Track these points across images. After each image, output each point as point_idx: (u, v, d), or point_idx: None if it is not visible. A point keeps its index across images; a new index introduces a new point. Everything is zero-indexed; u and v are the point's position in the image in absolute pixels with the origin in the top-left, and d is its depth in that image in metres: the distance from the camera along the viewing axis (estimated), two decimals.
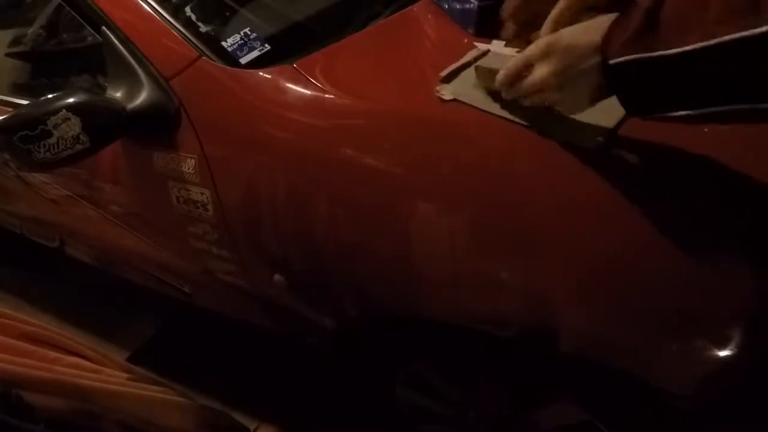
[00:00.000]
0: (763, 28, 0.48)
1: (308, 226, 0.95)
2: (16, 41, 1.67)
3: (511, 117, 0.77)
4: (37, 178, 1.44)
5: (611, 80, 0.60)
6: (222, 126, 0.99)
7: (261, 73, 0.97)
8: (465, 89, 0.82)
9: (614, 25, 0.60)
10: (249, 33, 1.05)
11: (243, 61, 1.01)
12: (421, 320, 0.93)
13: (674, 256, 0.69)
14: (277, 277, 1.05)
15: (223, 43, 1.03)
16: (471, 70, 0.84)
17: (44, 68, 1.58)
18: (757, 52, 0.50)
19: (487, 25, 1.00)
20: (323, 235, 0.94)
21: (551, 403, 1.02)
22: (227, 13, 1.12)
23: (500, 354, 0.94)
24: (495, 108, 0.78)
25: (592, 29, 0.62)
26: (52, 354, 1.00)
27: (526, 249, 0.77)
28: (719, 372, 0.71)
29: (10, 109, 1.35)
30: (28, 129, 0.94)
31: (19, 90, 1.55)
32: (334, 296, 1.03)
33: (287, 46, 1.04)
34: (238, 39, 1.04)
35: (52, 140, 0.95)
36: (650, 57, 0.55)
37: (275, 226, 1.00)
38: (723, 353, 0.69)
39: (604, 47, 0.59)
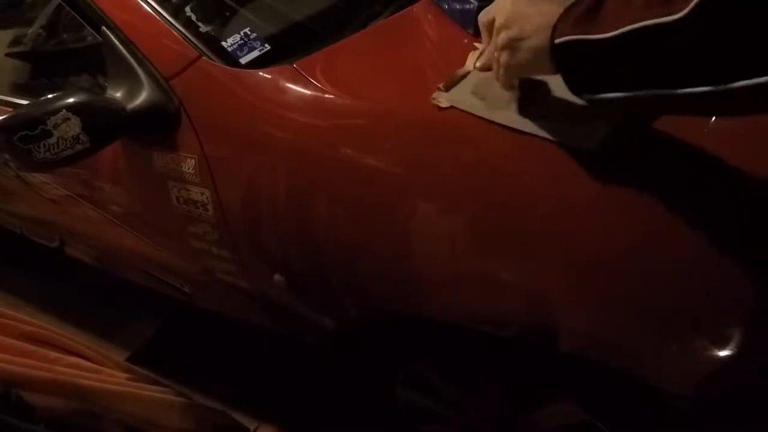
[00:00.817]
0: (661, 19, 0.51)
1: (308, 226, 0.95)
2: (16, 41, 1.67)
3: (507, 123, 0.77)
4: (37, 178, 1.44)
5: (554, 58, 0.64)
6: (222, 126, 0.99)
7: (261, 73, 0.97)
8: (461, 96, 0.81)
9: (567, 8, 0.63)
10: (249, 33, 1.05)
11: (243, 61, 1.01)
12: (421, 320, 0.93)
13: (674, 256, 0.69)
14: (277, 277, 1.05)
15: (223, 43, 1.03)
16: (469, 77, 0.84)
17: (44, 68, 1.58)
18: (665, 39, 0.52)
19: None
20: (323, 235, 0.94)
21: (551, 403, 1.02)
22: (227, 13, 1.12)
23: (500, 354, 0.94)
24: (491, 114, 0.78)
25: (550, 13, 0.65)
26: (52, 354, 1.00)
27: (526, 249, 0.77)
28: (719, 372, 0.71)
29: (10, 109, 1.35)
30: (28, 129, 0.94)
31: (19, 90, 1.55)
32: (334, 296, 1.03)
33: (287, 46, 1.04)
34: (238, 39, 1.04)
35: (52, 140, 0.95)
36: (586, 39, 0.58)
37: (275, 226, 1.00)
38: (723, 353, 0.69)
39: (555, 26, 0.63)
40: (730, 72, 0.49)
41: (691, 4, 0.49)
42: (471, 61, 0.87)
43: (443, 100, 0.82)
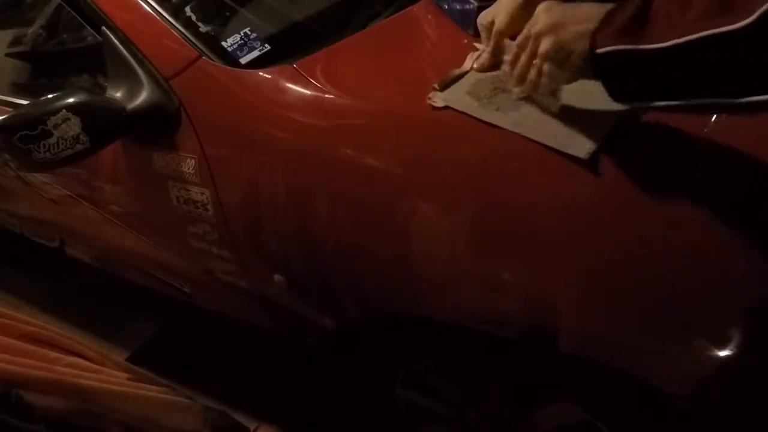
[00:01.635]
0: (725, 28, 0.51)
1: (308, 226, 0.95)
2: (16, 41, 1.67)
3: (501, 124, 0.76)
4: (37, 178, 1.44)
5: (595, 67, 0.63)
6: (222, 126, 0.99)
7: (261, 73, 0.97)
8: (457, 96, 0.81)
9: (607, 15, 0.62)
10: (249, 33, 1.05)
11: (243, 61, 1.01)
12: (422, 320, 0.93)
13: (674, 256, 0.69)
14: (277, 277, 1.05)
15: (223, 43, 1.03)
16: (466, 78, 0.84)
17: (44, 68, 1.58)
18: (730, 48, 0.52)
19: None
20: (323, 235, 0.94)
21: (551, 403, 1.02)
22: (227, 13, 1.12)
23: (500, 354, 0.94)
24: (486, 115, 0.78)
25: (587, 8, 0.65)
26: (52, 354, 0.99)
27: (526, 249, 0.77)
28: (719, 372, 0.71)
29: (10, 109, 1.35)
30: (28, 129, 0.94)
31: (19, 90, 1.55)
32: (334, 296, 1.03)
33: (287, 46, 1.04)
34: (238, 39, 1.04)
35: (52, 140, 0.95)
36: (636, 49, 0.58)
37: (275, 226, 1.00)
38: (723, 353, 0.69)
39: (594, 35, 0.62)
40: None
41: (759, 11, 0.49)
42: (469, 62, 0.87)
43: (438, 99, 0.82)
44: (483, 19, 0.83)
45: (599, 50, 0.61)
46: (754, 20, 0.49)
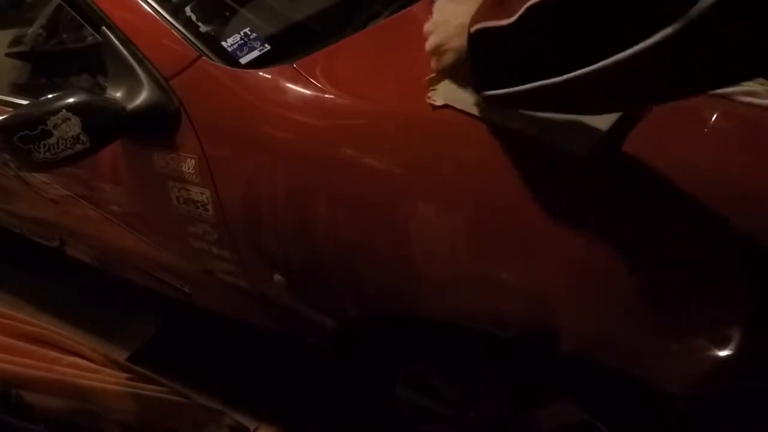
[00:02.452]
0: None
1: (308, 226, 0.95)
2: (16, 41, 1.67)
3: (501, 121, 0.76)
4: (37, 178, 1.44)
5: (469, 50, 0.63)
6: (222, 126, 0.99)
7: (261, 73, 0.97)
8: (456, 94, 0.80)
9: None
10: (249, 33, 1.05)
11: (243, 61, 1.01)
12: (421, 320, 0.93)
13: (674, 256, 0.69)
14: (277, 277, 1.05)
15: (223, 43, 1.03)
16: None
17: (44, 68, 1.58)
18: (548, 18, 0.51)
19: None
20: (323, 235, 0.94)
21: (551, 403, 1.02)
22: (227, 13, 1.12)
23: (500, 354, 0.94)
24: (486, 112, 0.78)
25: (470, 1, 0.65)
26: (52, 354, 1.00)
27: (526, 249, 0.77)
28: (719, 372, 0.71)
29: (10, 109, 1.35)
30: (28, 129, 0.94)
31: (19, 90, 1.55)
32: (334, 296, 1.03)
33: (287, 46, 1.04)
34: (238, 39, 1.04)
35: (52, 140, 0.95)
36: (493, 26, 0.57)
37: (275, 226, 1.00)
38: (723, 353, 0.69)
39: (472, 18, 0.62)
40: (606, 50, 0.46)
41: None
42: None
43: (438, 97, 0.81)
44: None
45: (471, 29, 0.61)
46: None
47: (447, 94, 0.81)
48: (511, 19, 0.54)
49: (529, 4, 0.52)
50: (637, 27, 0.44)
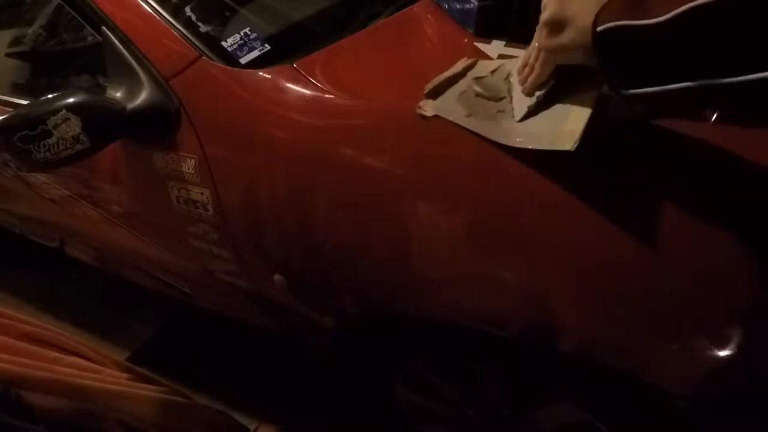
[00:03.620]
0: None
1: (308, 226, 0.95)
2: (16, 41, 1.67)
3: (489, 135, 0.76)
4: (37, 178, 1.44)
5: (597, 46, 0.60)
6: (222, 126, 0.99)
7: (261, 73, 0.97)
8: (448, 104, 0.80)
9: None
10: (249, 33, 1.05)
11: (243, 61, 1.01)
12: (421, 320, 0.93)
13: (674, 256, 0.69)
14: (277, 277, 1.05)
15: (223, 43, 1.03)
16: (457, 85, 0.83)
17: (44, 68, 1.58)
18: (716, 18, 0.50)
19: (487, 25, 1.00)
20: (323, 235, 0.94)
21: (551, 403, 1.02)
22: (227, 13, 1.12)
23: (500, 354, 0.94)
24: (473, 124, 0.77)
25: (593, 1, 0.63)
26: (52, 354, 1.00)
27: (526, 249, 0.77)
28: (719, 372, 0.71)
29: (10, 109, 1.35)
30: (28, 129, 0.94)
31: (19, 90, 1.55)
32: (334, 296, 1.03)
33: (287, 46, 1.04)
34: (238, 39, 1.04)
35: (52, 140, 0.95)
36: (634, 25, 0.56)
37: (275, 226, 1.00)
38: (723, 353, 0.69)
39: (598, 13, 0.60)
40: None
41: None
42: (460, 65, 0.86)
43: (429, 108, 0.80)
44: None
45: (600, 27, 0.59)
46: None
47: (440, 104, 0.80)
48: (661, 18, 0.53)
49: (693, 4, 0.50)
50: None
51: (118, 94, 1.04)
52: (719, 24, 0.50)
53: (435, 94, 0.82)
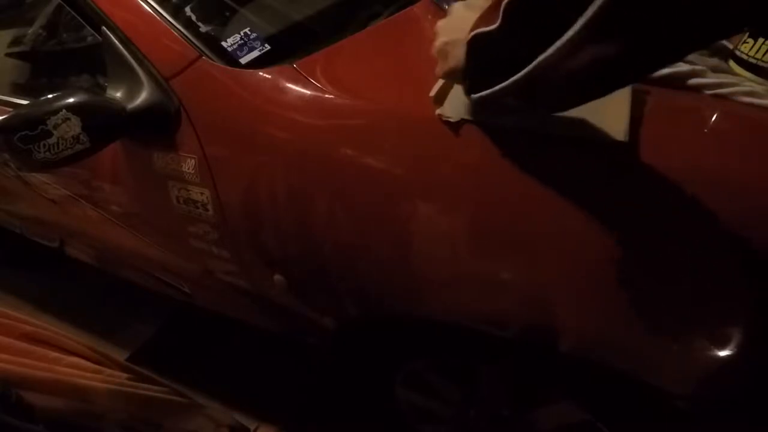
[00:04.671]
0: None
1: (308, 226, 0.95)
2: (16, 41, 1.67)
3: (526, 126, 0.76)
4: (37, 178, 1.44)
5: (466, 55, 0.65)
6: (222, 126, 0.99)
7: (261, 73, 0.97)
8: (464, 108, 0.80)
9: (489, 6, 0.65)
10: (249, 33, 1.05)
11: (243, 61, 1.01)
12: (421, 320, 0.93)
13: (674, 256, 0.69)
14: (277, 277, 1.05)
15: (223, 43, 1.03)
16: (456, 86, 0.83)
17: (44, 68, 1.58)
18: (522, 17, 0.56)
19: None
20: (323, 235, 0.94)
21: (551, 403, 1.02)
22: (227, 13, 1.12)
23: (500, 354, 0.94)
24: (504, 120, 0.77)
25: (478, 6, 0.67)
26: (52, 354, 1.00)
27: (526, 249, 0.77)
28: (719, 372, 0.71)
29: (10, 109, 1.35)
30: (28, 129, 0.94)
31: (19, 90, 1.55)
32: (334, 296, 1.03)
33: (287, 46, 1.05)
34: (238, 39, 1.04)
35: (52, 140, 0.95)
36: (482, 32, 0.61)
37: (275, 226, 1.00)
38: (723, 353, 0.69)
39: (474, 24, 0.64)
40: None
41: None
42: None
43: (453, 114, 0.79)
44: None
45: (469, 36, 0.64)
46: None
47: (457, 108, 0.80)
48: (496, 24, 0.59)
49: (503, 4, 0.57)
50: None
51: (118, 94, 1.04)
52: (522, 21, 0.56)
53: (440, 99, 0.82)
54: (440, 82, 0.84)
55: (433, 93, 0.82)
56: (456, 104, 0.80)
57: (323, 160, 0.89)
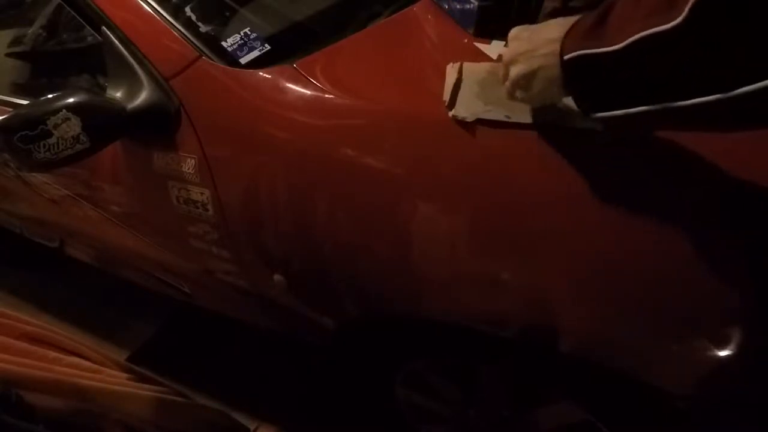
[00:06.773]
0: (664, 27, 0.50)
1: (308, 226, 0.95)
2: (16, 41, 1.67)
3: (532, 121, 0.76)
4: (37, 178, 1.44)
5: (565, 76, 0.62)
6: (222, 126, 0.99)
7: (261, 73, 0.97)
8: (477, 107, 0.80)
9: (575, 22, 0.61)
10: (249, 33, 1.05)
11: (243, 61, 1.01)
12: (421, 320, 0.93)
13: (674, 256, 0.69)
14: (277, 277, 1.05)
15: (223, 43, 1.03)
16: (467, 86, 0.82)
17: (44, 68, 1.58)
18: (667, 48, 0.51)
19: (487, 25, 1.00)
20: (323, 235, 0.94)
21: (551, 403, 1.02)
22: (227, 13, 1.12)
23: (500, 354, 0.94)
24: (520, 116, 0.77)
25: (551, 27, 0.64)
26: (52, 354, 0.99)
27: (526, 249, 0.77)
28: (719, 372, 0.71)
29: (10, 109, 1.35)
30: (28, 129, 0.94)
31: (19, 90, 1.55)
32: (334, 296, 1.03)
33: (287, 46, 1.04)
34: (238, 39, 1.04)
35: (52, 140, 0.95)
36: (594, 53, 0.57)
37: (275, 226, 1.00)
38: (723, 353, 0.69)
39: (563, 42, 0.61)
40: (736, 78, 0.48)
41: (686, 9, 0.48)
42: (451, 72, 0.86)
43: (468, 114, 0.79)
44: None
45: (566, 56, 0.61)
46: (684, 17, 0.48)
47: (470, 108, 0.80)
48: (617, 46, 0.55)
49: (642, 34, 0.52)
50: None
51: (118, 94, 1.04)
52: (667, 51, 0.52)
53: (452, 103, 0.81)
54: (449, 85, 0.83)
55: (446, 97, 0.81)
56: (468, 104, 0.80)
57: (323, 160, 0.89)
